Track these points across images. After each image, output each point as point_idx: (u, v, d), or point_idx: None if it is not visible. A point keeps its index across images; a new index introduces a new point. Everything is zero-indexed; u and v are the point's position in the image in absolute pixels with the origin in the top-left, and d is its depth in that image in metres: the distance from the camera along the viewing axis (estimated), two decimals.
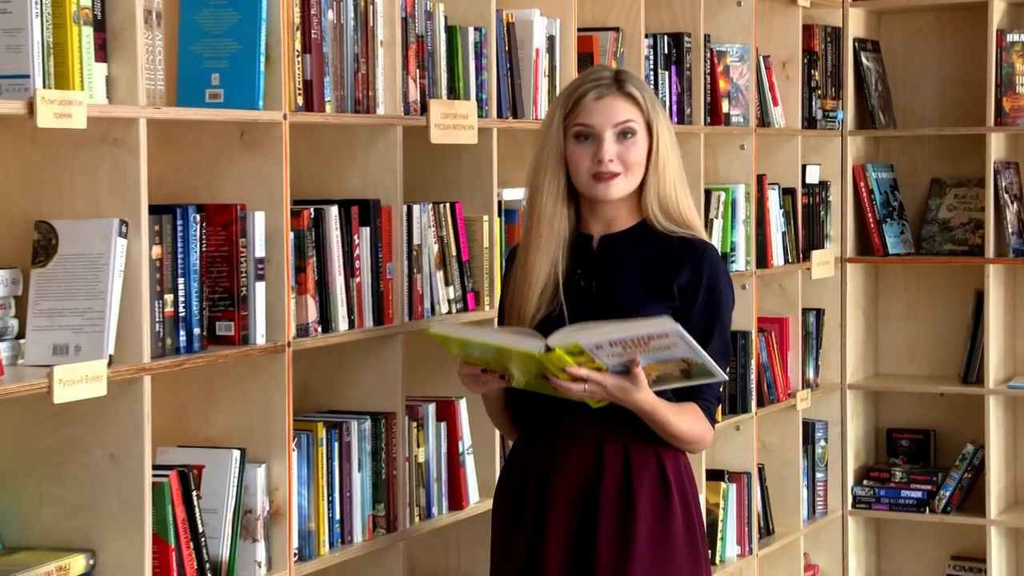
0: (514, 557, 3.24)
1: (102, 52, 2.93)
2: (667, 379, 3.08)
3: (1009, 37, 5.58)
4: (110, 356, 2.90)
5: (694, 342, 2.98)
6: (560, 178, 3.21)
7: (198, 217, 3.15)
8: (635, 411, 3.10)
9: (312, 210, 3.44)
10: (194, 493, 3.13)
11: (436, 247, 3.80)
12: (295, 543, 3.36)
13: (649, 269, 3.21)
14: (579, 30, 4.36)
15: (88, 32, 2.87)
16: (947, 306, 5.98)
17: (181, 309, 3.10)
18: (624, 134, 3.18)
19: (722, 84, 5.05)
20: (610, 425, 3.16)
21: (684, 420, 3.16)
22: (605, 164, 3.16)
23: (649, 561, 3.15)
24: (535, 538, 3.21)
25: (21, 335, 2.93)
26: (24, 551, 2.97)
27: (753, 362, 5.18)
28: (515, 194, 4.06)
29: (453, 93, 3.87)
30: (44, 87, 2.79)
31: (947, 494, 5.75)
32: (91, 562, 2.97)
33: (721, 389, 3.31)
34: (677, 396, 3.17)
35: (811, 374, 5.71)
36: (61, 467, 3.01)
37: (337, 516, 3.50)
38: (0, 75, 2.78)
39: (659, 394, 3.12)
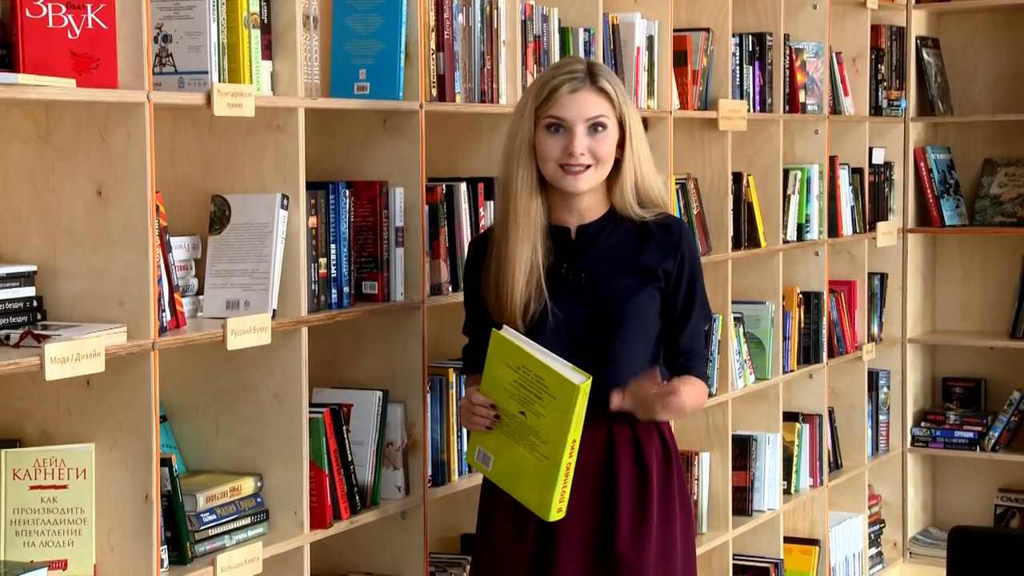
0: (527, 537, 2.92)
1: (268, 51, 2.95)
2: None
3: None
4: (274, 310, 2.93)
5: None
6: (532, 167, 2.87)
7: (347, 192, 3.17)
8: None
9: (444, 186, 3.45)
10: (344, 427, 3.17)
11: None
12: (429, 471, 3.38)
13: (631, 255, 2.91)
14: (674, 30, 4.33)
15: (256, 34, 2.90)
16: (997, 270, 5.89)
17: (333, 271, 3.13)
18: (595, 128, 2.85)
19: (799, 77, 5.00)
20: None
21: (690, 397, 2.89)
22: (576, 157, 2.83)
23: (660, 524, 2.92)
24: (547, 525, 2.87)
25: (200, 292, 2.97)
26: (204, 474, 3.02)
27: (825, 319, 5.14)
28: None
29: None
30: (219, 81, 2.82)
31: (995, 435, 5.67)
32: (259, 484, 3.01)
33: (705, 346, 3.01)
34: (673, 371, 2.95)
35: (876, 329, 5.65)
36: (233, 404, 3.05)
37: (464, 448, 3.48)
38: (183, 71, 2.82)
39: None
